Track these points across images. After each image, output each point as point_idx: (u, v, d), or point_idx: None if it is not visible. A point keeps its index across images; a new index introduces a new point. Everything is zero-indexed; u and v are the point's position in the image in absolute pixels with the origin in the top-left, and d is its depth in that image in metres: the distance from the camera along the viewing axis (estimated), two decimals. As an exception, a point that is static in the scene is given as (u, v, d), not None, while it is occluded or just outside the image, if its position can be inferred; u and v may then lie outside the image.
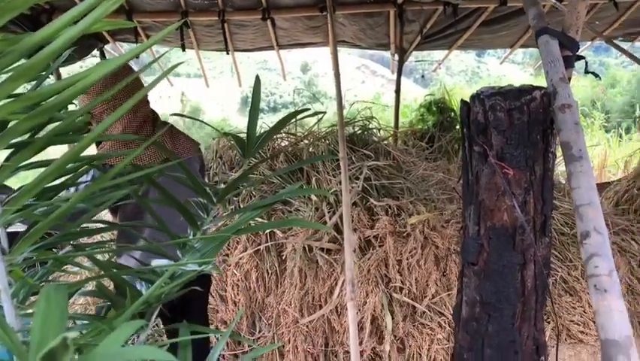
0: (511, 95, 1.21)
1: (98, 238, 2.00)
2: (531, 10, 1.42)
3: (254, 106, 1.14)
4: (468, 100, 1.30)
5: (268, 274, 2.80)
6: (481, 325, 1.30)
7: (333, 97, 3.99)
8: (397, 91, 4.84)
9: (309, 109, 1.14)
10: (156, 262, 1.15)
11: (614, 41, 4.55)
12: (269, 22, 4.21)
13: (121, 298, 0.93)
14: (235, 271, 2.78)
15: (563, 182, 4.02)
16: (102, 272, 0.93)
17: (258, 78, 1.11)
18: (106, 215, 2.35)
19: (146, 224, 1.77)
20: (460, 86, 14.32)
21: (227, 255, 2.84)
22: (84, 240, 2.31)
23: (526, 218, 1.23)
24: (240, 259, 2.80)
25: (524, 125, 1.20)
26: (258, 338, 2.75)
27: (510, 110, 1.20)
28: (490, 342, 1.29)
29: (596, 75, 1.53)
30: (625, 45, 5.29)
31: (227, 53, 4.44)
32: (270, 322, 2.74)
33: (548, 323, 2.95)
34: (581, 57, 1.40)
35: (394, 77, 4.99)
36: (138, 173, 0.88)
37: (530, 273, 1.26)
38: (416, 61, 5.40)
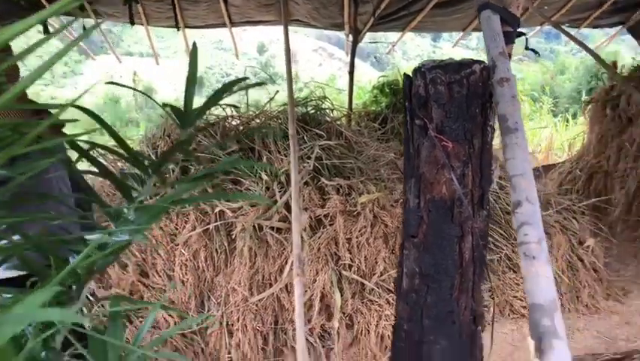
0: (452, 68, 1.22)
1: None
2: (474, -14, 1.43)
3: (191, 76, 1.11)
4: (411, 74, 1.30)
5: (217, 253, 2.77)
6: (421, 296, 1.32)
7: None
8: (351, 72, 4.84)
9: (247, 78, 1.11)
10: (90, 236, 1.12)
11: (562, 27, 4.66)
12: (221, -2, 4.13)
13: (47, 269, 0.90)
14: (183, 250, 2.74)
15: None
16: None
17: (194, 46, 1.07)
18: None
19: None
20: (416, 70, 14.42)
21: (176, 234, 2.80)
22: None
23: (465, 191, 1.25)
24: (189, 238, 2.76)
25: (463, 99, 1.21)
26: (207, 317, 2.73)
27: (450, 84, 1.21)
28: (428, 313, 1.31)
29: (536, 52, 1.56)
30: (571, 31, 5.43)
31: (178, 30, 4.33)
32: (219, 301, 2.73)
33: (493, 299, 3.04)
34: (522, 33, 1.42)
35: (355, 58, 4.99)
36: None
37: (468, 245, 1.28)
38: (370, 42, 5.41)
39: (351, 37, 4.77)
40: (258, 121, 3.40)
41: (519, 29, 1.43)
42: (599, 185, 4.30)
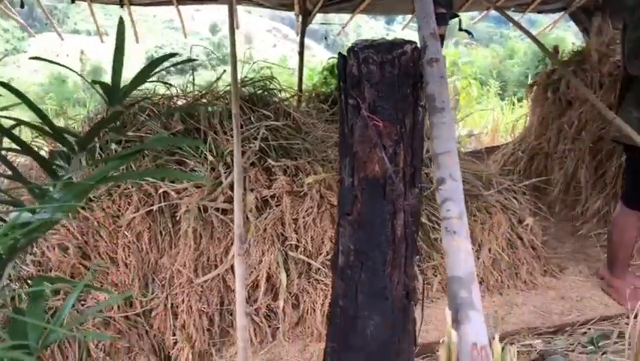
0: (384, 48, 1.24)
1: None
2: (408, -33, 1.44)
3: (118, 51, 1.09)
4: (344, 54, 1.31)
5: (161, 235, 2.74)
6: (355, 272, 1.35)
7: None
8: (301, 53, 4.82)
9: (176, 54, 1.10)
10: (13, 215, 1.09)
11: (507, 12, 4.77)
12: (166, -26, 4.03)
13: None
14: (126, 232, 2.70)
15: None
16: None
17: (121, 20, 1.05)
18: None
19: None
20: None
21: (118, 216, 2.75)
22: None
23: (396, 169, 1.28)
24: (132, 220, 2.71)
25: (395, 79, 1.23)
26: (151, 299, 2.71)
27: (382, 63, 1.23)
28: (362, 289, 1.34)
29: (469, 33, 1.60)
30: (517, 16, 5.57)
31: (122, 7, 4.21)
32: (163, 283, 2.70)
33: (435, 276, 3.13)
34: (455, 15, 1.45)
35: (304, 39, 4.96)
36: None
37: (400, 222, 1.32)
38: (322, 23, 5.40)
39: (300, 18, 4.75)
40: (204, 101, 3.35)
41: (453, 11, 1.45)
42: (540, 166, 4.45)
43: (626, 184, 3.02)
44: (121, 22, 1.05)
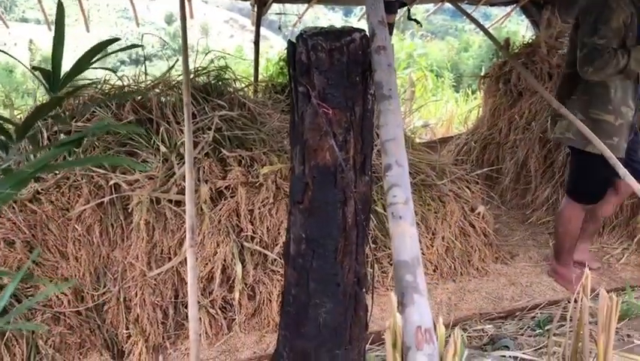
0: (332, 35, 1.23)
1: None
2: (358, -45, 1.44)
3: (57, 37, 1.06)
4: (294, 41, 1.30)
5: (113, 227, 2.68)
6: (307, 261, 1.35)
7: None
8: (256, 43, 4.78)
9: (118, 40, 1.07)
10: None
11: (460, 5, 4.85)
12: (116, -39, 3.92)
13: None
14: (76, 225, 2.63)
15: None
16: None
17: (60, 4, 1.02)
18: None
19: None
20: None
21: (68, 209, 2.67)
22: None
23: (347, 157, 1.28)
24: (82, 212, 2.64)
25: (344, 66, 1.23)
26: (103, 293, 2.65)
27: (331, 51, 1.23)
28: (314, 276, 1.34)
29: (418, 22, 1.61)
30: (470, 9, 5.67)
31: (70, -6, 4.06)
32: (115, 276, 2.65)
33: (391, 265, 3.16)
34: (404, 4, 1.46)
35: (261, 30, 4.92)
36: None
37: (351, 209, 1.32)
38: (276, 13, 5.36)
39: (256, 8, 4.70)
40: (157, 91, 3.29)
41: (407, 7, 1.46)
42: (492, 155, 4.56)
43: (569, 179, 3.14)
44: (60, 6, 1.02)
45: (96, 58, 1.05)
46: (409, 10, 1.37)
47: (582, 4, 2.79)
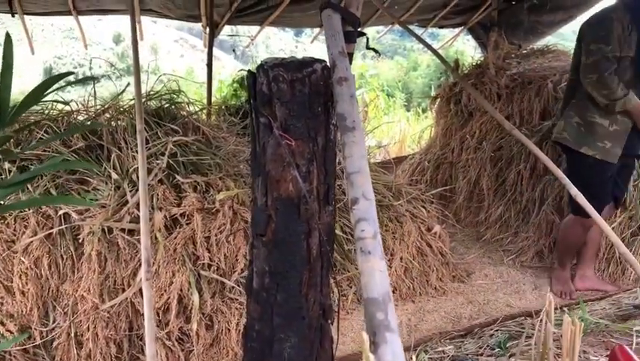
0: (293, 66, 1.22)
1: None
2: (316, -15, 1.44)
3: (5, 68, 1.00)
4: (254, 71, 1.29)
5: (63, 259, 2.57)
6: (271, 294, 1.31)
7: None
8: (209, 65, 4.73)
9: (72, 73, 1.03)
10: None
11: (410, 27, 4.96)
12: (63, -18, 3.83)
13: None
14: (23, 258, 2.50)
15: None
16: None
17: (8, 36, 0.97)
18: None
19: None
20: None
21: (14, 241, 2.54)
22: None
23: (310, 188, 1.27)
24: (29, 244, 2.52)
25: (306, 97, 1.22)
26: (53, 328, 2.52)
27: (292, 82, 1.21)
28: (278, 311, 1.31)
29: (376, 51, 1.63)
30: (420, 30, 5.80)
31: (13, 16, 3.93)
32: (65, 311, 2.53)
33: (350, 287, 3.15)
34: (362, 33, 1.47)
35: (213, 50, 4.87)
36: None
37: (315, 241, 1.30)
38: (230, 35, 5.33)
39: (208, 30, 4.66)
40: (107, 116, 3.20)
41: (360, 29, 1.47)
42: (445, 175, 4.64)
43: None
44: (8, 39, 0.96)
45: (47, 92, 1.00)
46: (367, 39, 1.38)
47: (587, 20, 3.00)
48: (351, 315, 3.03)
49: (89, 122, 3.00)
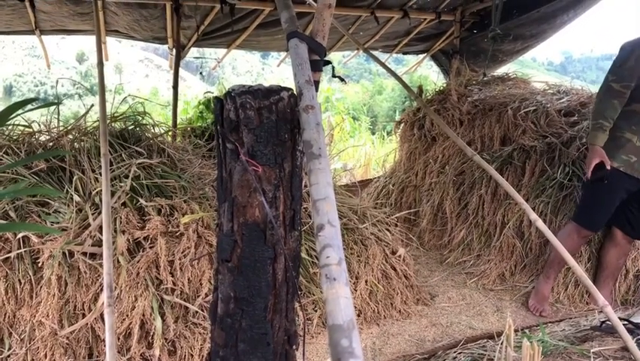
0: (261, 94, 1.24)
1: None
2: (283, 14, 1.48)
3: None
4: (221, 97, 1.30)
5: (20, 284, 2.50)
6: (235, 320, 1.31)
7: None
8: (175, 87, 4.72)
9: (36, 99, 1.02)
10: None
11: (374, 52, 5.06)
12: (27, 2, 3.78)
13: None
14: (-23, 283, 2.43)
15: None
16: None
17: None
18: None
19: None
20: (245, 86, 14.64)
21: (-32, 266, 2.46)
22: None
23: (276, 213, 1.28)
24: (-15, 269, 2.44)
25: (273, 124, 1.24)
26: (8, 356, 2.44)
27: (260, 109, 1.23)
28: (243, 337, 1.31)
29: (342, 79, 1.66)
30: (384, 56, 5.92)
31: (-27, 34, 3.85)
32: (22, 337, 2.45)
33: (315, 311, 3.15)
34: (328, 62, 1.50)
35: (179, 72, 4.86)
36: None
37: (281, 266, 1.31)
38: (196, 57, 5.34)
39: (174, 52, 4.66)
40: (70, 137, 3.14)
41: (326, 58, 1.50)
42: (410, 198, 4.71)
43: (580, 203, 3.33)
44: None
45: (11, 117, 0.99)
46: (333, 67, 1.41)
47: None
48: (316, 339, 3.02)
49: (51, 144, 2.94)
